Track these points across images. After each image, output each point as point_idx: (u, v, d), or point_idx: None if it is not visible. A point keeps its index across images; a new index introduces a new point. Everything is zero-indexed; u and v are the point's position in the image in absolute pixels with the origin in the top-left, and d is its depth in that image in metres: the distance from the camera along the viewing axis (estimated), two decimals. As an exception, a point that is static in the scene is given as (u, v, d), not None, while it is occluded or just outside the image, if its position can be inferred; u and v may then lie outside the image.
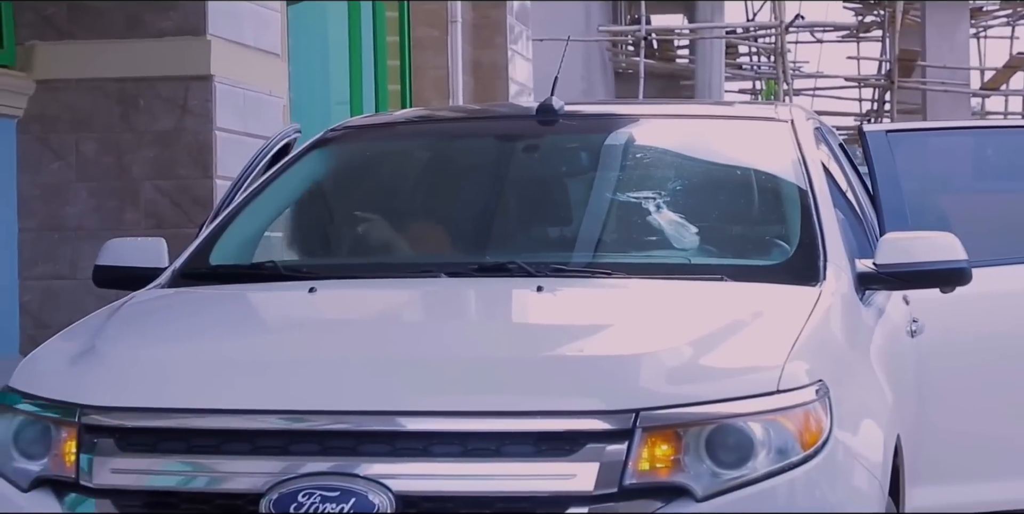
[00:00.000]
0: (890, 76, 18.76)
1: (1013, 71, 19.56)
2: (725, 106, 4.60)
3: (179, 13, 5.73)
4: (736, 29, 19.64)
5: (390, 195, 3.96)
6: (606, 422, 2.66)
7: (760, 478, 2.68)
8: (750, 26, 19.65)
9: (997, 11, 20.64)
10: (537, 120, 3.89)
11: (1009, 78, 19.93)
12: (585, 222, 3.62)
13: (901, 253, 3.41)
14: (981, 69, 20.62)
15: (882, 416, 3.01)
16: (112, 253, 3.52)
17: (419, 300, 3.25)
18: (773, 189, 3.64)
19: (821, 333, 3.03)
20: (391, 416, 2.69)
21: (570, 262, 3.34)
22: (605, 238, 3.56)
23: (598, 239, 3.56)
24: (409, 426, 2.67)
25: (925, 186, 4.29)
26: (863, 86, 21.12)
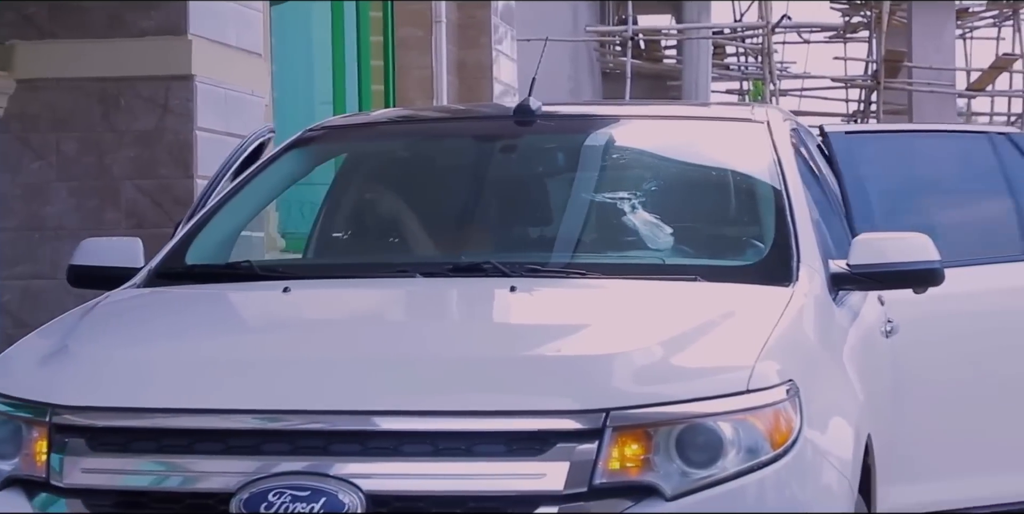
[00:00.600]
0: (876, 77, 18.80)
1: (999, 72, 19.61)
2: (702, 107, 4.62)
3: (160, 13, 5.73)
4: (724, 30, 19.67)
5: (367, 195, 3.97)
6: (576, 422, 2.67)
7: (729, 477, 2.70)
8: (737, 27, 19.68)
9: (983, 12, 20.69)
10: (515, 121, 3.90)
11: (995, 79, 19.98)
12: (561, 223, 3.64)
13: (874, 254, 3.42)
14: (967, 70, 20.68)
15: (852, 415, 3.03)
16: (87, 253, 3.52)
17: (393, 300, 3.27)
18: (748, 190, 3.65)
19: (792, 333, 3.05)
20: (362, 416, 2.70)
21: (545, 262, 3.36)
22: (580, 238, 3.58)
23: (573, 239, 3.58)
24: (380, 426, 2.69)
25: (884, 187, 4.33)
26: (850, 87, 21.16)
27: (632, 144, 3.93)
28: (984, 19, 20.94)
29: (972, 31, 21.42)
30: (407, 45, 8.80)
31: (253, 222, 5.73)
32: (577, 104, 4.64)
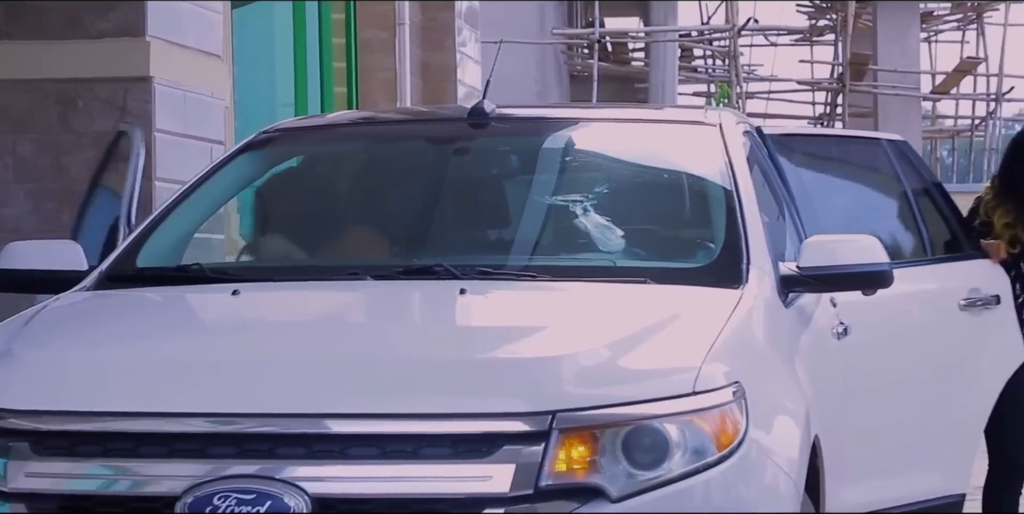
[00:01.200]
0: (842, 80, 18.92)
1: (963, 75, 19.77)
2: (655, 110, 4.64)
3: (118, 14, 5.71)
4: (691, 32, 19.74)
5: (320, 198, 3.97)
6: (522, 424, 2.68)
7: (675, 479, 2.71)
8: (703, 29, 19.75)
9: (947, 15, 20.85)
10: (469, 123, 3.91)
11: (959, 82, 20.13)
12: (512, 225, 3.65)
13: (824, 256, 3.45)
14: (932, 73, 20.83)
15: (799, 417, 3.05)
16: (14, 256, 3.47)
17: (341, 303, 3.27)
18: (699, 192, 3.67)
19: (740, 335, 3.07)
20: (308, 418, 2.70)
21: (496, 265, 3.37)
22: (532, 241, 3.59)
23: (525, 242, 3.58)
24: (326, 429, 2.69)
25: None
26: (816, 90, 21.28)
27: (585, 147, 3.94)
28: (948, 22, 21.10)
29: (937, 34, 21.57)
30: (371, 47, 8.78)
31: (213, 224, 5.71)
32: (532, 107, 4.64)
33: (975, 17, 20.10)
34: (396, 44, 8.78)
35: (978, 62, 19.55)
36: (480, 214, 3.71)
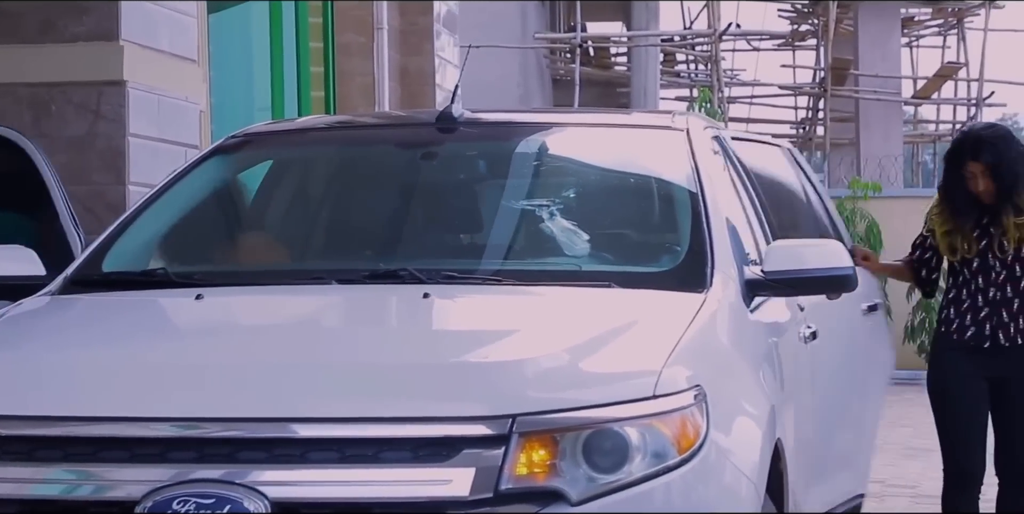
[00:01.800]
0: (823, 84, 18.97)
1: (943, 80, 19.83)
2: (623, 115, 4.65)
3: (92, 18, 5.71)
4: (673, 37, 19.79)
5: (286, 202, 3.97)
6: (483, 427, 2.69)
7: (635, 482, 2.72)
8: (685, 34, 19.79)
9: (929, 21, 20.93)
10: (437, 128, 3.92)
11: (940, 87, 20.20)
12: (479, 230, 3.66)
13: (788, 260, 3.46)
14: (914, 78, 20.90)
15: (761, 420, 3.06)
16: None
17: (305, 307, 3.27)
18: (665, 197, 3.69)
19: (702, 339, 3.08)
20: (268, 423, 2.70)
21: (461, 269, 3.37)
22: (498, 245, 3.60)
23: (491, 246, 3.59)
24: (286, 433, 2.69)
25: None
26: (798, 94, 21.34)
27: (553, 151, 3.96)
28: (930, 28, 21.18)
29: (918, 39, 21.66)
30: (349, 51, 8.80)
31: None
32: (502, 111, 4.65)
33: (956, 22, 20.19)
34: (374, 48, 8.79)
35: (958, 67, 19.62)
36: (447, 218, 3.72)
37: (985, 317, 4.53)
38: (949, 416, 4.59)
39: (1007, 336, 4.52)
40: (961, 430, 4.56)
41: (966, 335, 4.55)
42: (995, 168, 4.43)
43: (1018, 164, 4.46)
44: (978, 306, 4.53)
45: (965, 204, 4.51)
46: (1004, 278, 4.52)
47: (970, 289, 4.55)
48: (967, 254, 4.53)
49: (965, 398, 4.54)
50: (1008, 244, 4.50)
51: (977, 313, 4.53)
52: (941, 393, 4.60)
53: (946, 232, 4.55)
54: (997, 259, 4.51)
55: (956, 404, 4.55)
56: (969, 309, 4.54)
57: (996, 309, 4.52)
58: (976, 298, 4.54)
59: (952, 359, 4.58)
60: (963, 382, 4.54)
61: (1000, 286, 4.52)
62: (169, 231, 3.76)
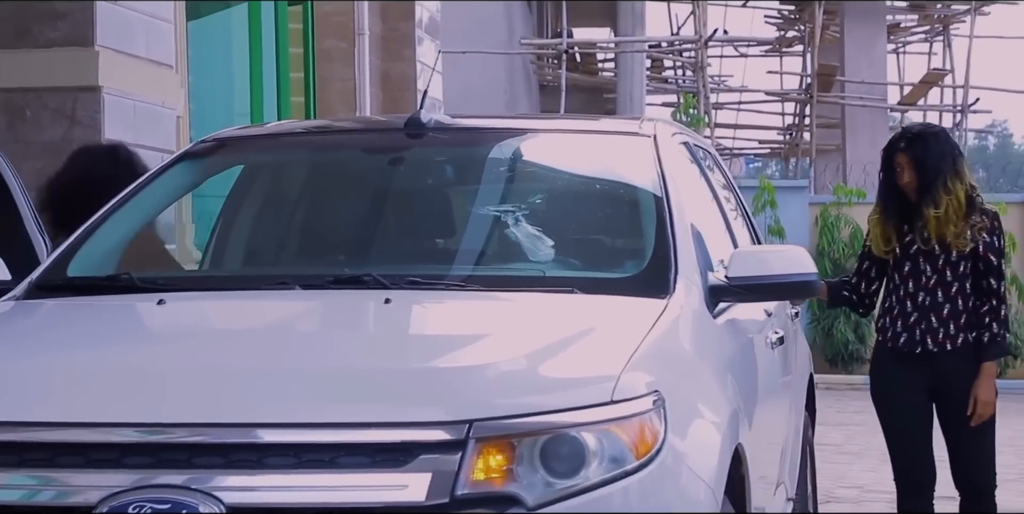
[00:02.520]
0: (809, 91, 19.01)
1: (929, 86, 19.89)
2: (591, 121, 4.66)
3: (67, 23, 5.72)
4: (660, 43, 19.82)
5: (255, 207, 3.97)
6: (439, 433, 2.69)
7: (593, 487, 2.72)
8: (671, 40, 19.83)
9: (915, 27, 21.00)
10: (406, 133, 3.93)
11: (925, 93, 20.26)
12: (444, 235, 3.67)
13: (752, 266, 3.47)
14: (900, 84, 20.97)
15: (720, 426, 3.06)
16: None
17: (266, 312, 3.27)
18: (631, 203, 3.70)
19: (663, 344, 3.08)
20: (225, 428, 2.70)
21: (425, 274, 3.37)
22: (463, 251, 3.60)
23: (456, 252, 3.60)
24: (244, 438, 2.69)
25: None
26: (784, 100, 21.39)
27: (520, 157, 3.96)
28: (916, 34, 21.25)
29: (905, 46, 21.73)
30: (330, 57, 8.81)
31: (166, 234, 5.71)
32: (472, 117, 4.66)
33: (942, 29, 20.25)
34: (356, 54, 8.81)
35: (944, 74, 19.68)
36: (413, 224, 3.73)
37: (914, 322, 4.54)
38: (892, 426, 4.59)
39: (935, 342, 4.52)
40: (904, 440, 4.56)
41: (899, 342, 4.56)
42: (919, 161, 4.47)
43: (942, 160, 4.48)
44: (907, 312, 4.54)
45: (890, 196, 4.56)
46: (935, 282, 4.53)
47: (899, 295, 4.57)
48: (885, 248, 4.54)
49: (905, 408, 4.54)
50: (930, 236, 4.50)
51: (907, 319, 4.54)
52: (882, 403, 4.61)
53: (878, 228, 4.60)
54: (928, 263, 4.53)
55: (897, 414, 4.56)
56: (900, 315, 4.56)
57: (925, 314, 4.53)
58: (905, 304, 4.55)
59: (890, 368, 4.59)
60: (902, 391, 4.54)
61: (930, 290, 4.53)
62: (136, 236, 3.76)
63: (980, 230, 4.50)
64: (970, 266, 4.52)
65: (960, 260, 4.50)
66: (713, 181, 4.34)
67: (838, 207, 14.61)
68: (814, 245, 14.64)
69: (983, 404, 4.51)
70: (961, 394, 4.51)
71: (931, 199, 4.47)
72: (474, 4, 16.11)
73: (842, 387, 13.80)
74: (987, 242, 4.52)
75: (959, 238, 4.48)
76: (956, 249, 4.49)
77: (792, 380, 4.56)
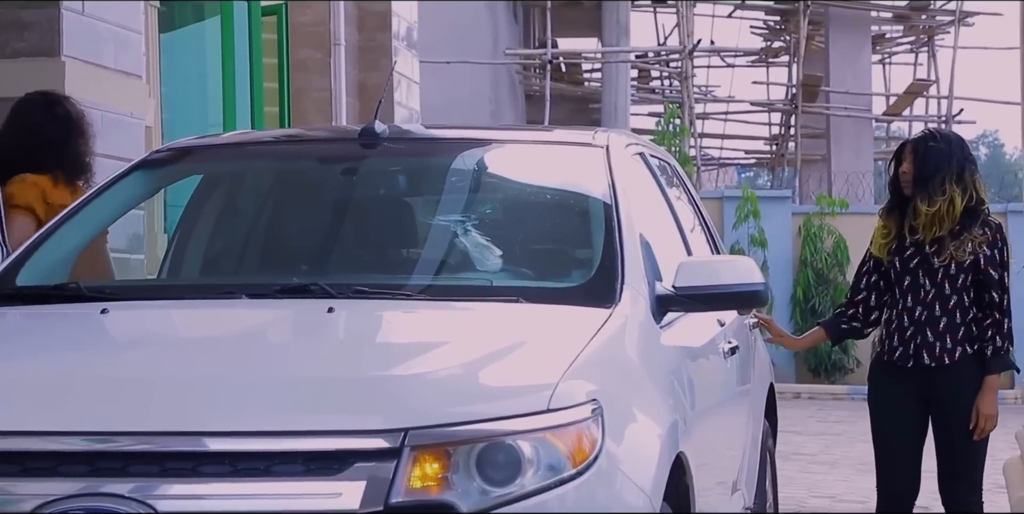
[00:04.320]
0: (794, 101, 19.06)
1: (913, 97, 19.95)
2: (546, 132, 4.68)
3: (34, 34, 5.73)
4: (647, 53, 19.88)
5: (206, 217, 3.99)
6: (374, 441, 2.70)
7: (528, 494, 2.74)
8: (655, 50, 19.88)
9: (900, 38, 21.06)
10: (360, 143, 3.94)
11: (910, 104, 20.32)
12: (394, 245, 3.68)
13: (699, 276, 3.48)
14: (886, 95, 21.03)
15: (660, 435, 3.06)
16: None
17: (209, 321, 3.28)
18: (580, 213, 3.71)
19: (604, 353, 3.10)
20: (160, 436, 2.71)
21: (372, 284, 3.39)
22: (412, 261, 3.62)
23: (404, 262, 3.62)
24: (179, 446, 2.70)
25: None
26: (771, 111, 21.45)
27: (472, 167, 3.98)
28: (901, 45, 21.32)
29: (891, 57, 21.80)
30: (306, 67, 8.83)
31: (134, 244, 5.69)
32: (438, 128, 4.67)
33: (927, 40, 20.32)
34: (332, 64, 8.82)
35: (928, 84, 19.74)
36: (363, 234, 3.74)
37: (910, 337, 4.52)
38: (881, 439, 4.58)
39: (932, 356, 4.50)
40: (891, 454, 4.55)
41: (895, 356, 4.55)
42: (921, 155, 4.46)
43: (945, 160, 4.45)
44: (904, 326, 4.53)
45: (893, 189, 4.58)
46: (933, 296, 4.50)
47: (898, 309, 4.55)
48: (883, 241, 4.54)
49: (896, 422, 4.53)
50: (922, 235, 4.49)
51: (903, 333, 4.53)
52: (876, 412, 4.61)
53: (879, 224, 4.61)
54: (927, 276, 4.50)
55: (887, 428, 4.55)
56: (897, 329, 4.54)
57: (921, 328, 4.50)
58: (903, 318, 4.53)
59: (885, 382, 4.58)
60: (896, 403, 4.53)
61: (928, 305, 4.50)
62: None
63: (981, 243, 4.47)
64: (970, 279, 4.49)
65: (960, 273, 4.47)
66: (669, 192, 4.35)
67: (821, 217, 14.64)
68: (797, 255, 14.68)
69: (985, 417, 4.49)
70: (956, 408, 4.48)
71: (925, 194, 4.46)
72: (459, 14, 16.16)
73: (824, 397, 13.83)
74: (987, 255, 4.48)
75: (959, 249, 4.46)
76: (955, 260, 4.46)
77: (750, 389, 4.57)
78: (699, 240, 4.54)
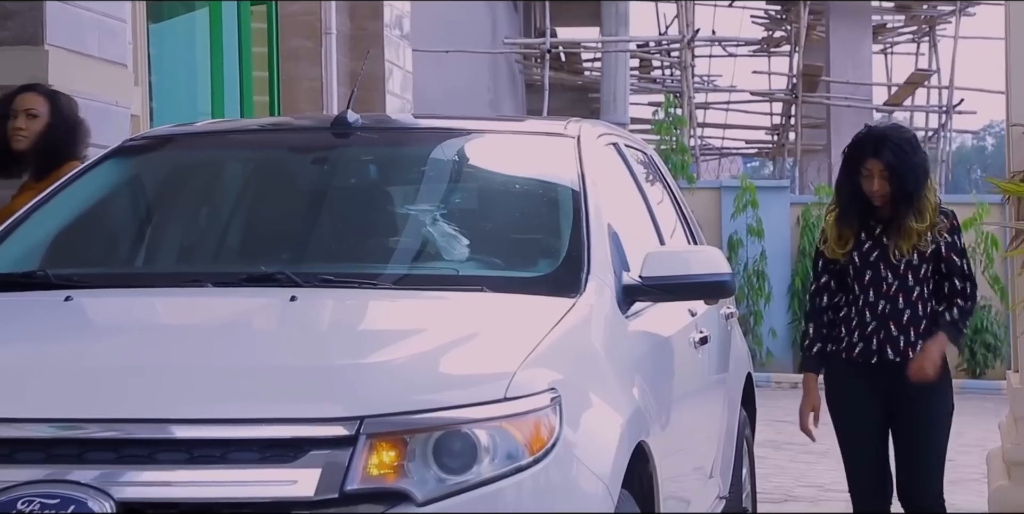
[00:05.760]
0: (795, 91, 19.03)
1: (914, 87, 19.90)
2: (518, 122, 4.69)
3: (16, 23, 5.73)
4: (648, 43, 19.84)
5: (178, 205, 4.00)
6: (330, 429, 2.72)
7: (484, 482, 2.76)
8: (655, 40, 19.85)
9: (901, 28, 21.01)
10: (332, 133, 3.95)
11: (911, 94, 20.27)
12: (362, 234, 3.69)
13: (665, 266, 3.49)
14: (887, 85, 20.98)
15: (619, 423, 3.07)
16: None
17: (173, 309, 3.30)
18: (549, 203, 3.72)
19: (564, 342, 3.11)
20: (116, 423, 2.73)
21: (338, 273, 3.40)
22: (378, 249, 3.63)
23: (371, 251, 3.63)
24: (135, 434, 2.72)
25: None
26: (772, 100, 21.41)
27: (443, 157, 3.99)
28: (903, 35, 21.26)
29: (892, 47, 21.74)
30: (297, 56, 8.82)
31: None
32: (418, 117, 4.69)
33: (928, 30, 20.26)
34: (323, 53, 8.82)
35: (928, 74, 19.69)
36: (332, 223, 3.76)
37: (872, 332, 4.36)
38: (846, 439, 4.46)
39: (896, 351, 4.35)
40: (861, 452, 4.41)
41: (854, 352, 4.38)
42: (894, 170, 4.29)
43: (919, 169, 4.32)
44: (866, 321, 4.36)
45: (852, 202, 4.37)
46: (896, 289, 4.37)
47: (859, 305, 4.37)
48: (840, 251, 4.38)
49: (860, 421, 4.38)
50: (903, 252, 4.35)
51: (864, 328, 4.36)
52: (838, 415, 4.46)
53: (834, 230, 4.41)
54: (889, 269, 4.37)
55: (851, 427, 4.41)
56: (858, 325, 4.37)
57: (884, 322, 4.35)
58: (864, 314, 4.36)
59: (845, 379, 4.40)
60: (856, 404, 4.37)
61: (891, 298, 4.36)
62: (59, 233, 3.78)
63: (941, 231, 4.36)
64: (931, 269, 4.39)
65: (922, 263, 4.36)
66: (644, 183, 4.36)
67: (820, 207, 14.62)
68: (795, 245, 14.67)
69: (926, 359, 4.30)
70: (918, 401, 4.36)
71: (914, 211, 4.32)
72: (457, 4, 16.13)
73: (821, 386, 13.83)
74: (948, 242, 4.37)
75: (920, 240, 4.34)
76: (917, 250, 4.35)
77: (725, 378, 4.57)
78: (674, 231, 4.54)
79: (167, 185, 4.07)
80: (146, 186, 4.03)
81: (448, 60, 16.26)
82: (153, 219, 3.96)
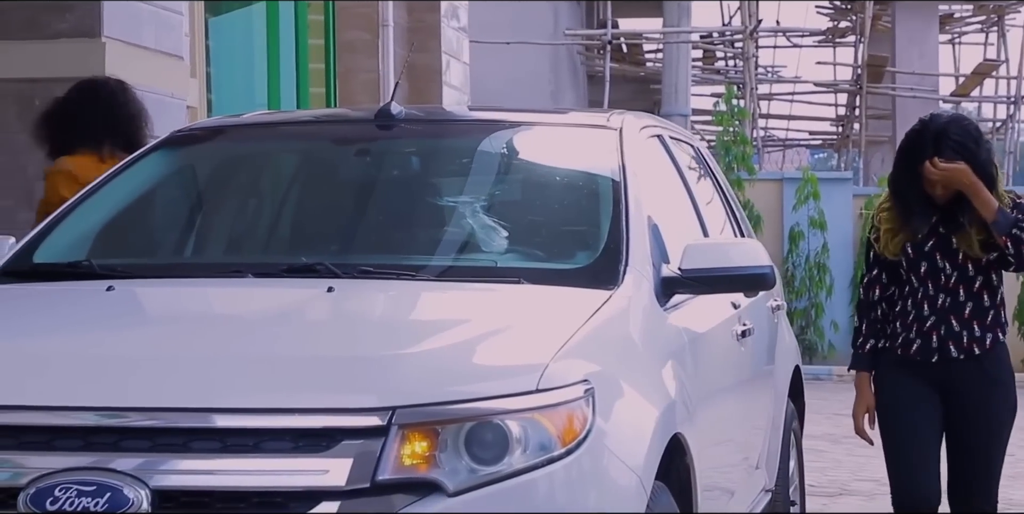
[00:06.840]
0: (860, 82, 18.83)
1: (981, 78, 19.62)
2: (561, 114, 4.68)
3: (75, 15, 5.82)
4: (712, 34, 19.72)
5: (223, 196, 4.05)
6: (362, 419, 2.74)
7: (516, 473, 2.76)
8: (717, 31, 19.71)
9: (969, 17, 20.71)
10: (376, 125, 3.98)
11: (978, 84, 19.99)
12: (403, 226, 3.71)
13: (705, 258, 3.48)
14: (955, 75, 20.70)
15: (654, 415, 3.06)
16: None
17: (212, 299, 3.33)
18: (589, 195, 3.72)
19: (600, 334, 3.11)
20: (152, 412, 2.76)
21: (377, 264, 3.42)
22: (417, 241, 3.65)
23: (411, 242, 3.64)
24: (171, 422, 2.75)
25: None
26: (837, 92, 21.21)
27: (485, 149, 4.00)
28: (970, 25, 20.95)
29: (959, 36, 21.43)
30: (353, 48, 8.87)
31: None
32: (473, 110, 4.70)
33: (996, 19, 19.96)
34: (380, 45, 8.86)
35: (996, 64, 19.40)
36: (374, 214, 3.78)
37: (931, 327, 4.06)
38: (896, 442, 4.11)
39: (960, 348, 4.04)
40: (909, 458, 4.07)
41: (911, 349, 4.08)
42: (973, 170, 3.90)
43: (988, 166, 3.95)
44: (924, 316, 4.06)
45: (920, 206, 4.01)
46: (955, 280, 4.04)
47: (916, 298, 4.06)
48: (896, 251, 4.08)
49: (913, 423, 4.06)
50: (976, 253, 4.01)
51: (923, 323, 4.06)
52: (890, 417, 4.11)
53: (888, 230, 4.10)
54: (946, 259, 4.05)
55: (903, 430, 4.08)
56: (915, 320, 4.07)
57: (944, 317, 4.04)
58: (922, 307, 4.05)
59: (899, 378, 4.08)
60: (911, 405, 4.05)
61: (951, 291, 4.04)
62: (106, 224, 3.83)
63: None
64: (994, 256, 3.98)
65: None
66: (689, 175, 4.34)
67: (882, 199, 14.45)
68: (858, 237, 14.52)
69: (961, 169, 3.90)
70: (979, 399, 4.06)
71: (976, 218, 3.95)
72: (519, -4, 16.11)
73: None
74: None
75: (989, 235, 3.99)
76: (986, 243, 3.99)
77: (771, 371, 4.54)
78: (722, 225, 4.51)
79: (212, 176, 4.11)
80: (192, 177, 4.08)
81: (509, 52, 16.26)
82: (197, 210, 4.00)
